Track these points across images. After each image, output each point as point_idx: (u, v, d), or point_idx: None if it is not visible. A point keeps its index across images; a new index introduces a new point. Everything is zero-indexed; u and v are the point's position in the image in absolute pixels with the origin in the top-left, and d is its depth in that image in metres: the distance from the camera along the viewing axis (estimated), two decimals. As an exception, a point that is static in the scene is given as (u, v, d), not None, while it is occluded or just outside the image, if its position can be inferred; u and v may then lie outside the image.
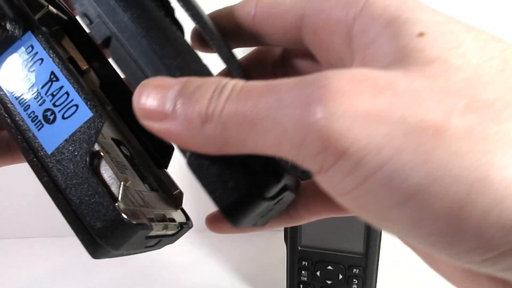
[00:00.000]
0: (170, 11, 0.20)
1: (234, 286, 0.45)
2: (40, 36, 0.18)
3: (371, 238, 0.35)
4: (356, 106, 0.12)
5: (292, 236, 0.37)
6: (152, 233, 0.18)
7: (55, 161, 0.17)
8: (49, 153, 0.18)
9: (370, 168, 0.12)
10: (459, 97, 0.12)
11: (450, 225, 0.11)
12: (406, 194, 0.12)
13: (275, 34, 0.19)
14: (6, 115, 0.18)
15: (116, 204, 0.17)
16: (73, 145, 0.17)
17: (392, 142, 0.11)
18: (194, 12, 0.18)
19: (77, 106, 0.18)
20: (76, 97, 0.18)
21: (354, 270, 0.36)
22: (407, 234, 0.13)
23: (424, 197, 0.11)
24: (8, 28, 0.18)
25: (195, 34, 0.20)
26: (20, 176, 0.36)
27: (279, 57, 0.22)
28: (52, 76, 0.18)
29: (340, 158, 0.12)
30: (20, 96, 0.18)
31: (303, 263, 0.37)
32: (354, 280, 0.37)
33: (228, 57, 0.19)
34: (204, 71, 0.17)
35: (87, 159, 0.17)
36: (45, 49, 0.18)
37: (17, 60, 0.18)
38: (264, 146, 0.13)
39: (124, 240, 0.17)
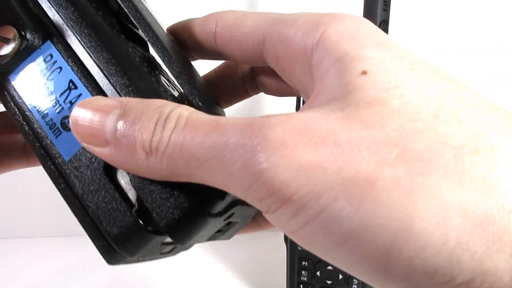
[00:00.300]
0: (125, 26, 0.20)
1: (234, 286, 0.45)
2: (59, 45, 0.18)
3: None
4: (298, 158, 0.13)
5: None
6: (168, 239, 0.18)
7: (73, 168, 0.18)
8: (67, 160, 0.18)
9: (311, 214, 0.13)
10: (392, 147, 0.13)
11: (381, 268, 0.13)
12: (342, 239, 0.13)
13: (238, 55, 0.19)
14: (24, 123, 0.18)
15: (133, 210, 0.17)
16: (91, 152, 0.17)
17: (329, 191, 0.12)
18: (143, 26, 0.19)
19: None
20: None
21: (354, 270, 0.37)
22: (349, 271, 0.14)
23: (356, 242, 0.12)
24: (28, 37, 0.18)
25: None
26: (20, 176, 0.36)
27: (248, 72, 0.22)
28: (71, 84, 0.18)
29: (284, 204, 0.13)
30: (38, 104, 0.18)
31: (303, 263, 0.37)
32: (354, 280, 0.37)
33: (178, 73, 0.18)
34: (149, 91, 0.17)
35: (104, 166, 0.17)
36: (63, 58, 0.18)
37: (36, 69, 0.19)
38: (212, 183, 0.14)
39: (140, 246, 0.17)
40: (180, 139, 0.14)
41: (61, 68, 0.18)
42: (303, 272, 0.38)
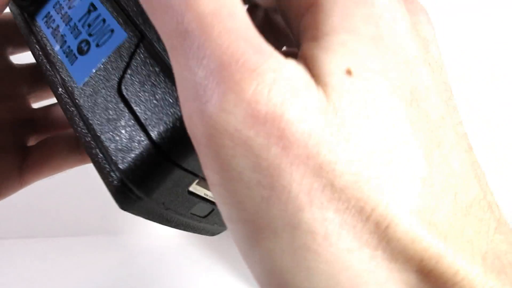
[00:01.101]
0: None
1: (234, 285, 0.45)
2: None
3: None
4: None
5: None
6: (199, 189, 0.15)
7: (84, 93, 0.16)
8: (80, 85, 0.16)
9: None
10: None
11: None
12: None
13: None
14: (45, 60, 0.18)
15: (149, 135, 0.14)
16: (101, 75, 0.16)
17: None
18: None
19: (112, 30, 0.16)
20: (112, 22, 0.17)
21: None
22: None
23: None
24: None
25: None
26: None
27: (263, 18, 0.22)
28: (91, 7, 0.17)
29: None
30: (57, 35, 0.18)
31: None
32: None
33: None
34: None
35: (118, 84, 0.15)
36: None
37: (58, 2, 0.18)
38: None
39: (157, 180, 0.14)
40: None
41: None
42: None
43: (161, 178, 0.14)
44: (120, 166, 0.14)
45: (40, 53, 0.18)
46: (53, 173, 0.28)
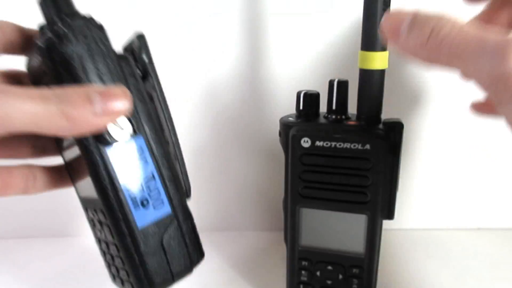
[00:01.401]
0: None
1: (234, 285, 0.45)
2: (147, 142, 0.26)
3: (372, 238, 0.35)
4: None
5: (292, 236, 0.37)
6: None
7: (142, 234, 0.26)
8: (139, 227, 0.26)
9: None
10: None
11: None
12: None
13: None
14: (110, 188, 0.25)
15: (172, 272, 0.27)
16: (155, 228, 0.26)
17: None
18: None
19: (163, 202, 0.26)
20: (164, 197, 0.26)
21: (354, 270, 0.36)
22: None
23: None
24: (133, 130, 0.25)
25: None
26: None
27: None
28: (151, 175, 0.26)
29: None
30: (127, 180, 0.25)
31: (303, 263, 0.37)
32: (354, 280, 0.37)
33: None
34: None
35: (161, 239, 0.26)
36: (150, 155, 0.26)
37: (130, 153, 0.25)
38: (463, 71, 0.21)
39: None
40: (451, 38, 0.21)
41: (146, 161, 0.26)
42: (303, 272, 0.38)
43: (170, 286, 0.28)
44: (153, 283, 0.27)
45: (105, 177, 0.25)
46: None
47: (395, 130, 0.33)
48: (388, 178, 0.34)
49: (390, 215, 0.35)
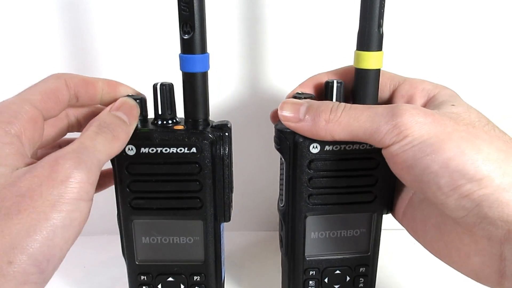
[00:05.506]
0: None
1: (231, 285, 0.45)
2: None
3: (376, 236, 0.36)
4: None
5: (296, 248, 0.36)
6: None
7: None
8: None
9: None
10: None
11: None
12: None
13: None
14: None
15: None
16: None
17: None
18: None
19: None
20: None
21: (361, 269, 0.37)
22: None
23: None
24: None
25: None
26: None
27: None
28: None
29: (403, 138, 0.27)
30: None
31: (311, 272, 0.37)
32: (360, 279, 0.37)
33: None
34: None
35: None
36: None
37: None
38: (362, 135, 0.28)
39: None
40: (347, 114, 0.28)
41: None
42: (310, 282, 0.37)
43: None
44: None
45: None
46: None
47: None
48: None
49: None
